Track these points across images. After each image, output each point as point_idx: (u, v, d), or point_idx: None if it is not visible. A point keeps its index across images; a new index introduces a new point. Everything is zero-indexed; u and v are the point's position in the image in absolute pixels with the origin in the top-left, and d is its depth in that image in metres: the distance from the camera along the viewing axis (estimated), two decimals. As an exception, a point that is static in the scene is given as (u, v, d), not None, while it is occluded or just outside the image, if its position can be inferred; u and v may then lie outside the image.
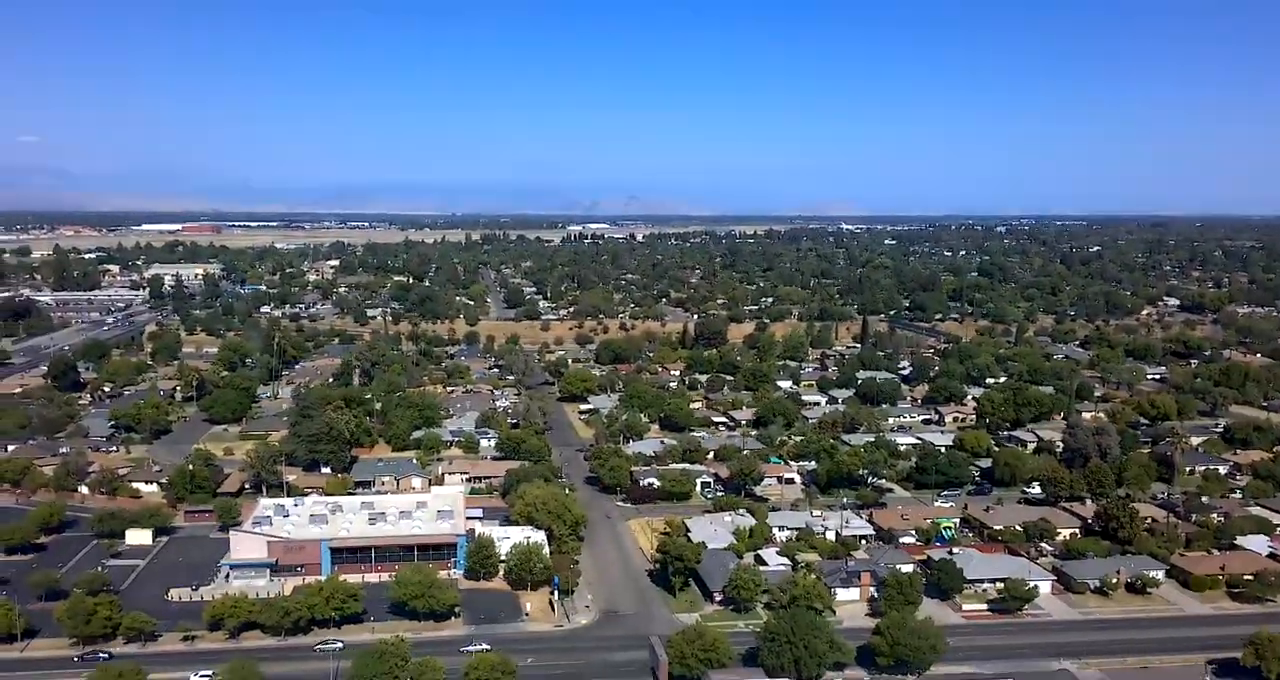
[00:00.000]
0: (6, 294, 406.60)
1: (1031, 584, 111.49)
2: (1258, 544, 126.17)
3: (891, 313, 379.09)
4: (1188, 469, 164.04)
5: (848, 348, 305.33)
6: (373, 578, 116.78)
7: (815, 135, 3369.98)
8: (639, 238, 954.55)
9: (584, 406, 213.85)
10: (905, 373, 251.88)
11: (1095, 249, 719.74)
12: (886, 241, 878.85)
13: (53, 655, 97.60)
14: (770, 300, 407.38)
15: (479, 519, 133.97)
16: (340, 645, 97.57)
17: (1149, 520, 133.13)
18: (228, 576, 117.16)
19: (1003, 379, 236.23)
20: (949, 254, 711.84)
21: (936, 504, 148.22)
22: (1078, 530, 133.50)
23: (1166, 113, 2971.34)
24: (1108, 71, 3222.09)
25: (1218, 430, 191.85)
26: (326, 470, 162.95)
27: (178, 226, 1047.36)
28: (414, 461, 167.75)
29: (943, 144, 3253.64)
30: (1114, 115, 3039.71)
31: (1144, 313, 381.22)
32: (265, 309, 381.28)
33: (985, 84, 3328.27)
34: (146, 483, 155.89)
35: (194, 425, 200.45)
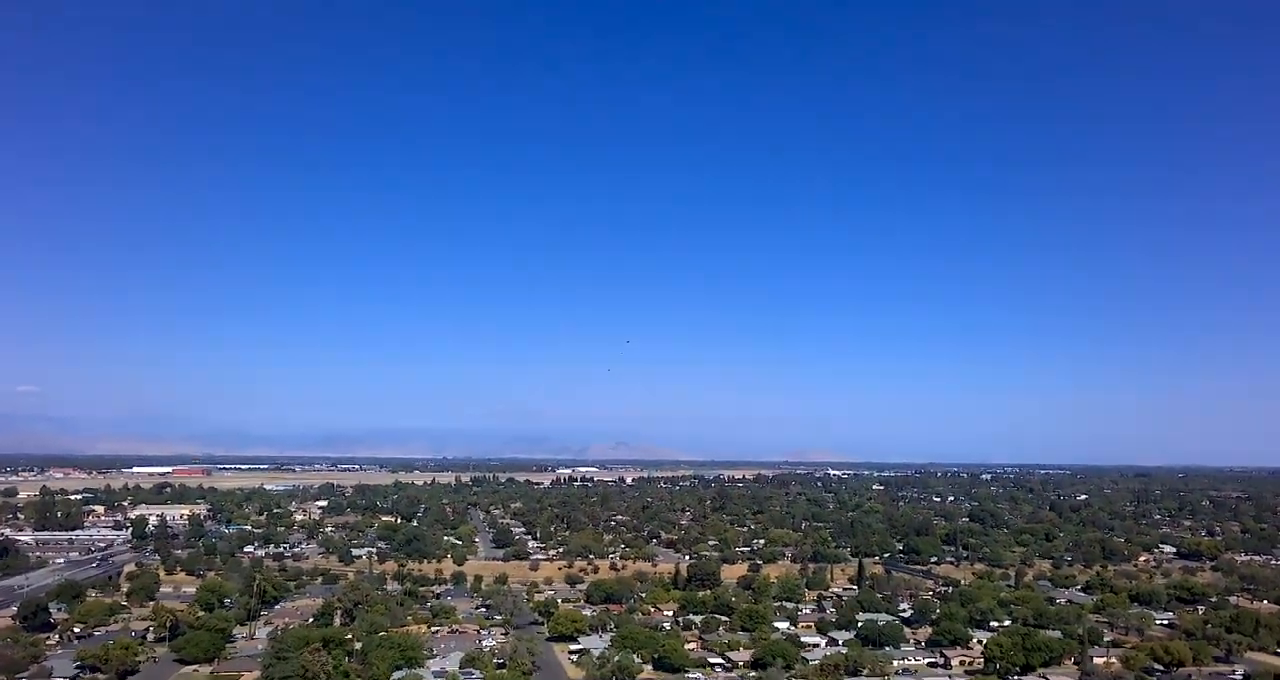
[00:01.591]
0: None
1: None
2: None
3: (886, 555, 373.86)
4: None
5: (844, 590, 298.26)
6: None
7: (797, 386, 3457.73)
8: (628, 480, 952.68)
9: (574, 647, 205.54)
10: (906, 615, 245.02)
11: (1082, 497, 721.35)
12: (874, 486, 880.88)
13: None
14: (762, 542, 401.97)
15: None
16: None
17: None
18: None
19: (1007, 623, 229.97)
20: (938, 499, 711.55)
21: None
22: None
23: (1145, 371, 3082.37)
24: (1082, 330, 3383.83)
25: (1235, 678, 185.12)
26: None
27: (168, 469, 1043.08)
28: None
29: (924, 396, 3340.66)
30: (1093, 373, 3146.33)
31: (1141, 559, 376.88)
32: (249, 549, 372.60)
33: (964, 347, 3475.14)
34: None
35: (164, 666, 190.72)
